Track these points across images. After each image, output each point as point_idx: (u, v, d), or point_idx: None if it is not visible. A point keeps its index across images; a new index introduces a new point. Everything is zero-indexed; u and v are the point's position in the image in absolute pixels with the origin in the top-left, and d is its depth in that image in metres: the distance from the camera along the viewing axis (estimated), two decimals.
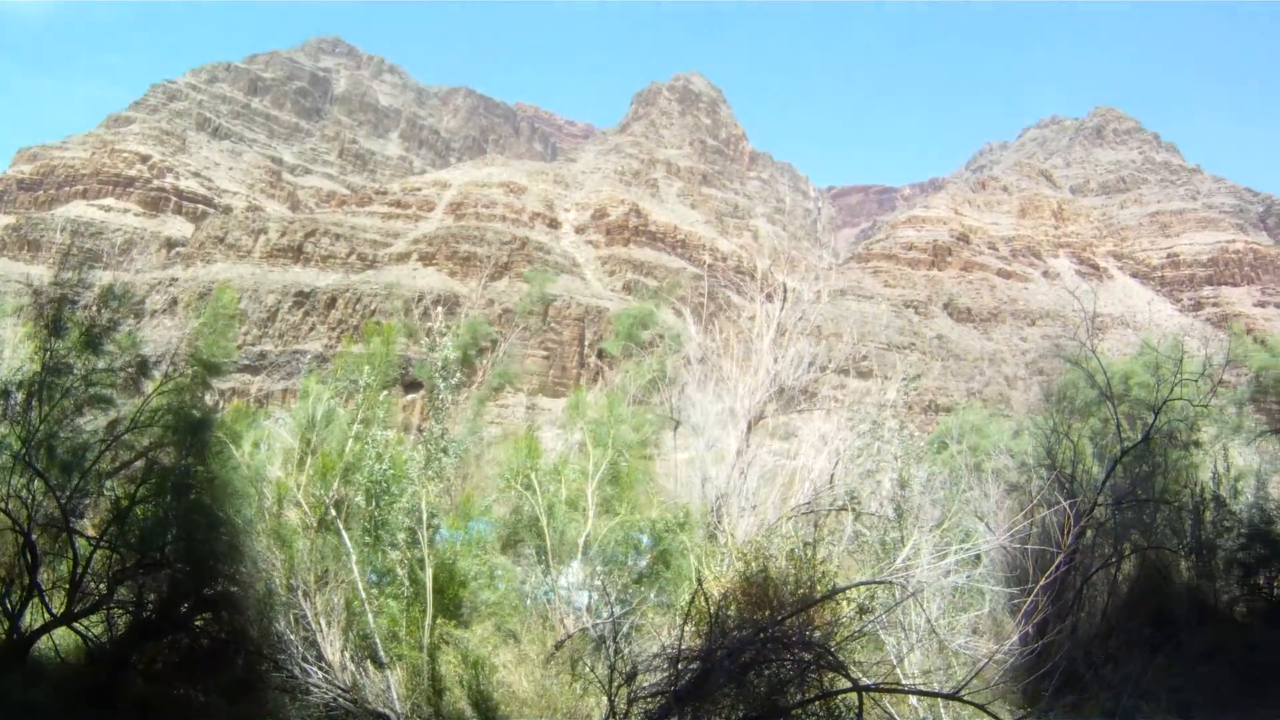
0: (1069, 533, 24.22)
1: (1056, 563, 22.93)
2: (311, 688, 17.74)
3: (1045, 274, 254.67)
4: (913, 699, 17.50)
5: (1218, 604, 29.75)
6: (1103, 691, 18.92)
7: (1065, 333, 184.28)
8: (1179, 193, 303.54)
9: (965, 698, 14.03)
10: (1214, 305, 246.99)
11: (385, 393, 25.30)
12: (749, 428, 26.31)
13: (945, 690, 15.17)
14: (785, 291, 28.14)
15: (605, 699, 14.06)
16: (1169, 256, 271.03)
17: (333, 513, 21.70)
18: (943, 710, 17.73)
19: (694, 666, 13.17)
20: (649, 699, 13.37)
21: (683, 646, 13.59)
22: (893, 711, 17.32)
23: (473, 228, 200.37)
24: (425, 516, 20.24)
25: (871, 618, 16.40)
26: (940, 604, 20.87)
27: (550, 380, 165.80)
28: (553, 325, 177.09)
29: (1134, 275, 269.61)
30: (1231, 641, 24.89)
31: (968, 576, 23.36)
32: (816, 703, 13.06)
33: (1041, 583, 22.53)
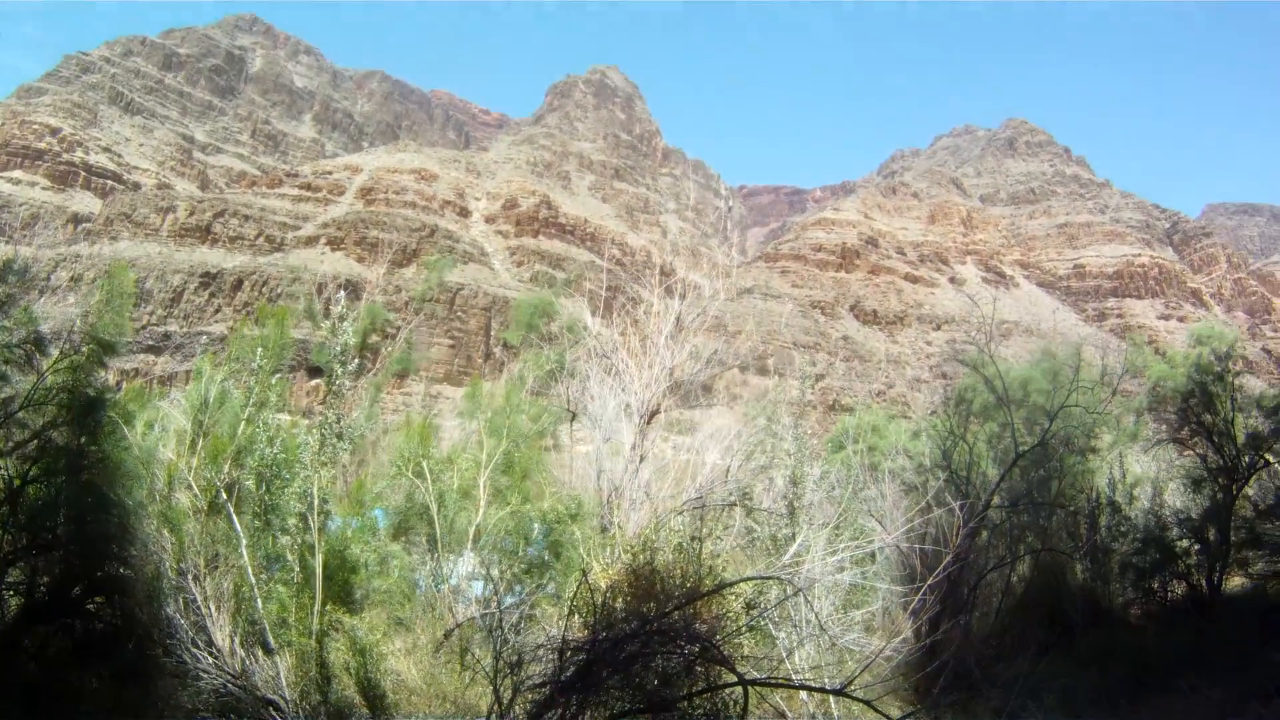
0: (957, 533, 24.56)
1: (945, 562, 23.19)
2: (201, 674, 17.39)
3: (952, 280, 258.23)
4: (803, 694, 17.54)
5: (1112, 606, 30.20)
6: (993, 690, 19.10)
7: (970, 338, 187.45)
8: (1087, 206, 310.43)
9: (852, 693, 14.00)
10: (1118, 316, 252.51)
11: (277, 376, 24.83)
12: (646, 421, 26.34)
13: (834, 685, 15.13)
14: (685, 287, 28.17)
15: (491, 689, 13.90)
16: (1075, 267, 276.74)
17: (223, 496, 21.26)
18: (833, 705, 17.80)
19: (578, 658, 13.02)
20: (534, 689, 13.19)
21: (568, 637, 13.41)
22: (784, 707, 17.40)
23: (382, 213, 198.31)
24: (316, 502, 19.93)
25: (757, 612, 16.43)
26: (833, 601, 21.02)
27: (456, 369, 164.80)
28: (459, 314, 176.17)
29: (1040, 284, 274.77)
30: (1125, 643, 25.24)
31: (863, 574, 23.60)
32: (703, 696, 12.93)
33: (929, 581, 22.78)
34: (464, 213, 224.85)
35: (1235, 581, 29.45)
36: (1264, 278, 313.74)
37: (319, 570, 19.49)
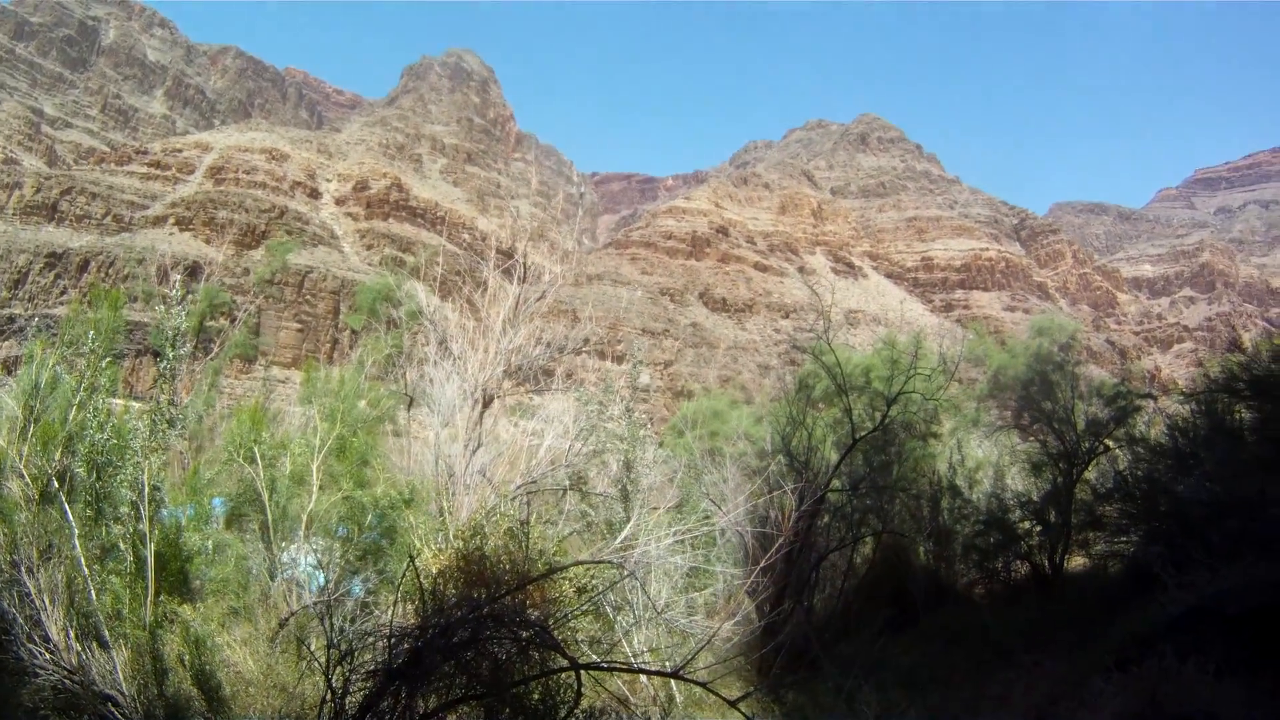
0: (789, 515, 24.73)
1: (777, 545, 23.38)
2: (39, 670, 16.63)
3: (801, 270, 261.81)
4: (644, 678, 17.42)
5: (955, 586, 30.93)
6: (834, 668, 19.13)
7: (811, 326, 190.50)
8: (937, 201, 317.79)
9: (687, 675, 13.82)
10: (964, 308, 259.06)
11: (109, 359, 23.93)
12: (483, 405, 25.94)
13: (675, 668, 14.93)
14: (525, 270, 27.85)
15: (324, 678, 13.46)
16: (923, 260, 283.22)
17: (55, 485, 20.37)
18: (675, 689, 17.69)
19: (407, 645, 12.61)
20: (366, 678, 12.74)
21: (398, 624, 13.03)
22: (626, 692, 17.20)
23: (232, 193, 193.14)
24: (147, 489, 19.25)
25: (589, 596, 16.27)
26: (673, 584, 20.96)
27: (304, 353, 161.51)
28: (308, 298, 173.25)
29: (889, 275, 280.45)
30: (968, 622, 25.78)
31: (706, 558, 23.57)
32: (537, 682, 12.62)
33: (762, 564, 22.90)
34: (314, 194, 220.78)
35: (1077, 562, 30.18)
36: (1108, 273, 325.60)
37: (151, 560, 18.97)
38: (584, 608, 16.10)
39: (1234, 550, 17.37)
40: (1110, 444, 30.18)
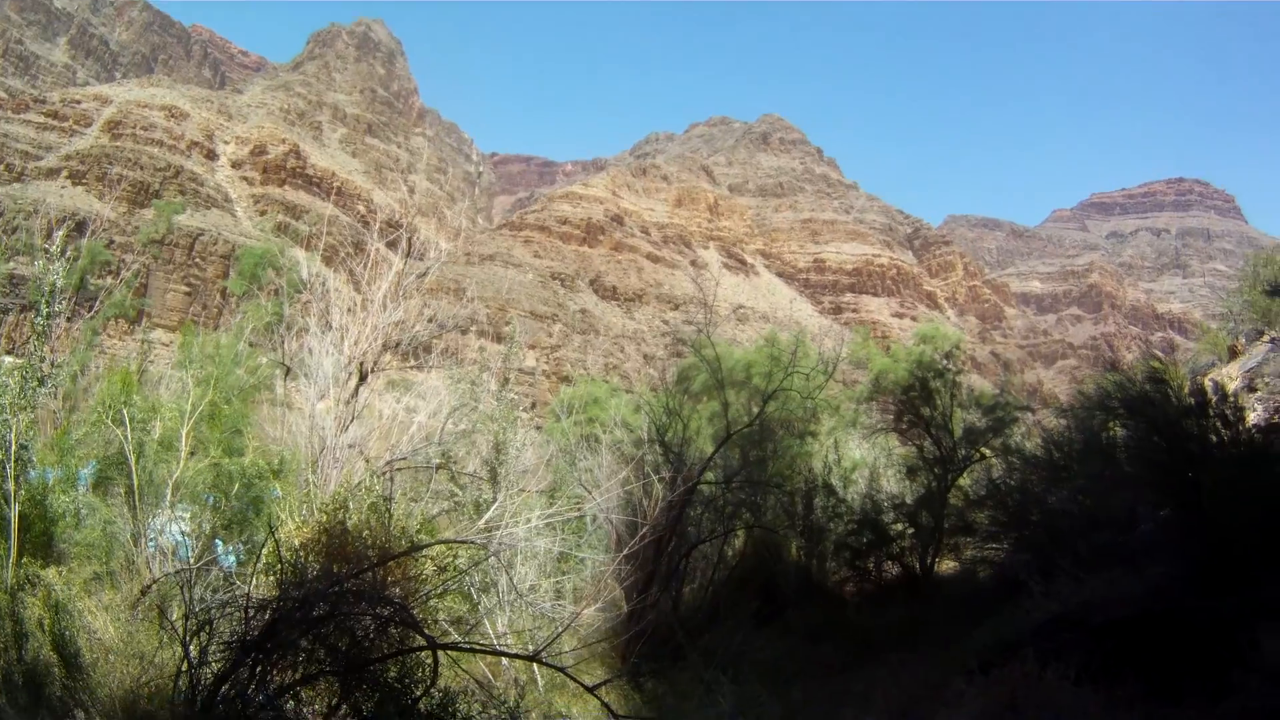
0: (655, 505, 24.80)
1: (641, 533, 23.46)
2: None
3: (694, 263, 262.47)
4: (505, 661, 17.36)
5: (826, 583, 31.26)
6: (698, 658, 19.16)
7: (691, 319, 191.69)
8: (833, 205, 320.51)
9: (545, 659, 13.79)
10: (853, 311, 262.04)
11: None
12: (359, 379, 25.62)
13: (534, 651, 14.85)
14: (410, 245, 27.55)
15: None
16: (816, 261, 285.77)
17: None
18: (537, 672, 17.62)
19: (263, 617, 12.36)
20: (225, 649, 12.48)
21: (256, 595, 12.78)
22: (488, 673, 17.21)
23: (128, 149, 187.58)
24: (14, 448, 18.67)
25: (448, 576, 16.25)
26: (541, 567, 20.91)
27: (191, 317, 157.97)
28: (197, 261, 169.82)
29: (780, 275, 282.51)
30: (837, 619, 26.13)
31: (576, 543, 23.52)
32: (396, 660, 12.49)
33: (625, 551, 22.93)
34: (211, 155, 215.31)
35: (947, 565, 30.69)
36: (998, 287, 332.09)
37: (15, 521, 18.46)
38: (446, 588, 16.17)
39: (1100, 563, 17.67)
40: (986, 452, 30.72)
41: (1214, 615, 13.74)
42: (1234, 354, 46.20)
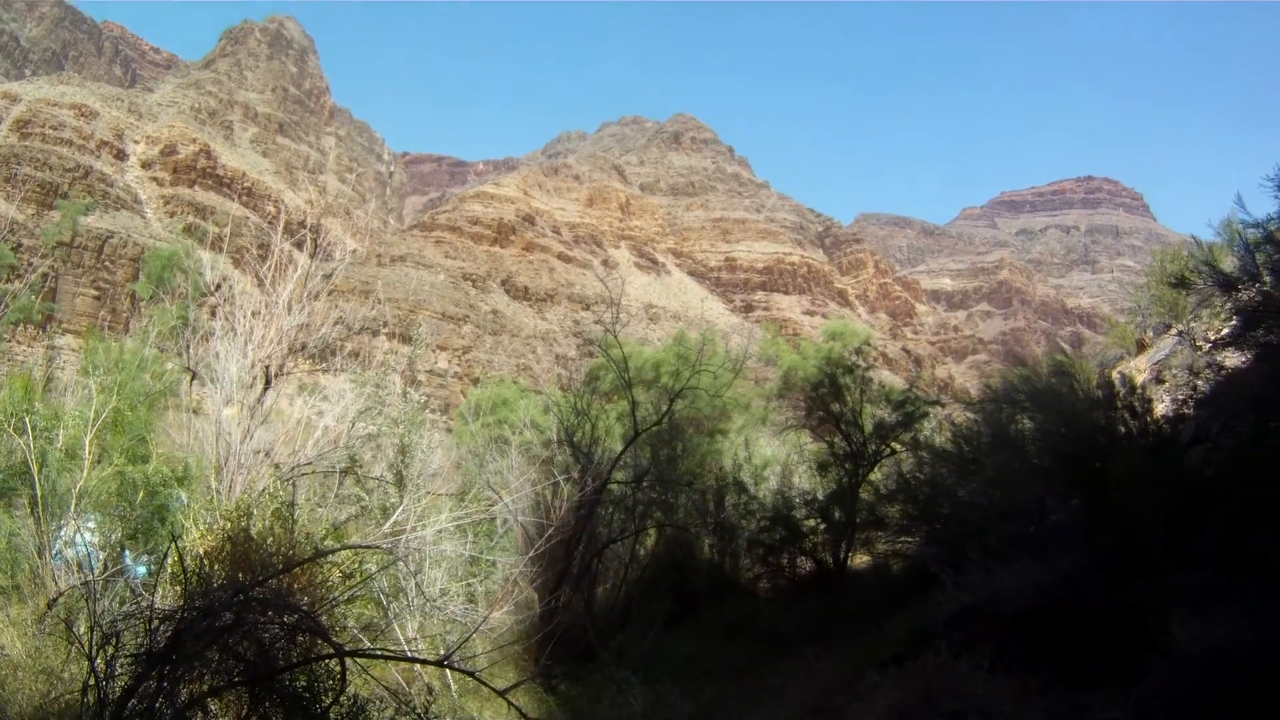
0: (563, 506, 24.83)
1: (548, 534, 23.47)
2: None
3: (605, 263, 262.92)
4: (418, 667, 17.22)
5: (739, 580, 31.44)
6: (610, 658, 19.08)
7: (599, 318, 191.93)
8: (744, 204, 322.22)
9: (453, 664, 13.71)
10: (765, 309, 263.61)
11: None
12: (265, 383, 25.27)
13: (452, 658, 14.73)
14: (315, 245, 27.25)
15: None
16: (727, 260, 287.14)
17: None
18: (450, 678, 17.48)
19: (168, 628, 12.07)
20: (130, 661, 12.17)
21: (162, 606, 12.49)
22: (400, 679, 17.04)
23: (37, 149, 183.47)
24: None
25: (354, 582, 16.12)
26: (451, 571, 20.76)
27: (100, 322, 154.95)
28: (106, 264, 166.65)
29: (691, 273, 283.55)
30: (751, 616, 26.30)
31: (489, 545, 23.38)
32: (304, 669, 12.25)
33: (532, 552, 22.91)
34: (121, 155, 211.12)
35: (861, 559, 30.94)
36: (908, 284, 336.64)
37: None
38: (353, 593, 16.03)
39: (1010, 554, 17.77)
40: (897, 447, 30.95)
41: (1124, 603, 13.87)
42: (1142, 347, 47.09)
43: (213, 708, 12.34)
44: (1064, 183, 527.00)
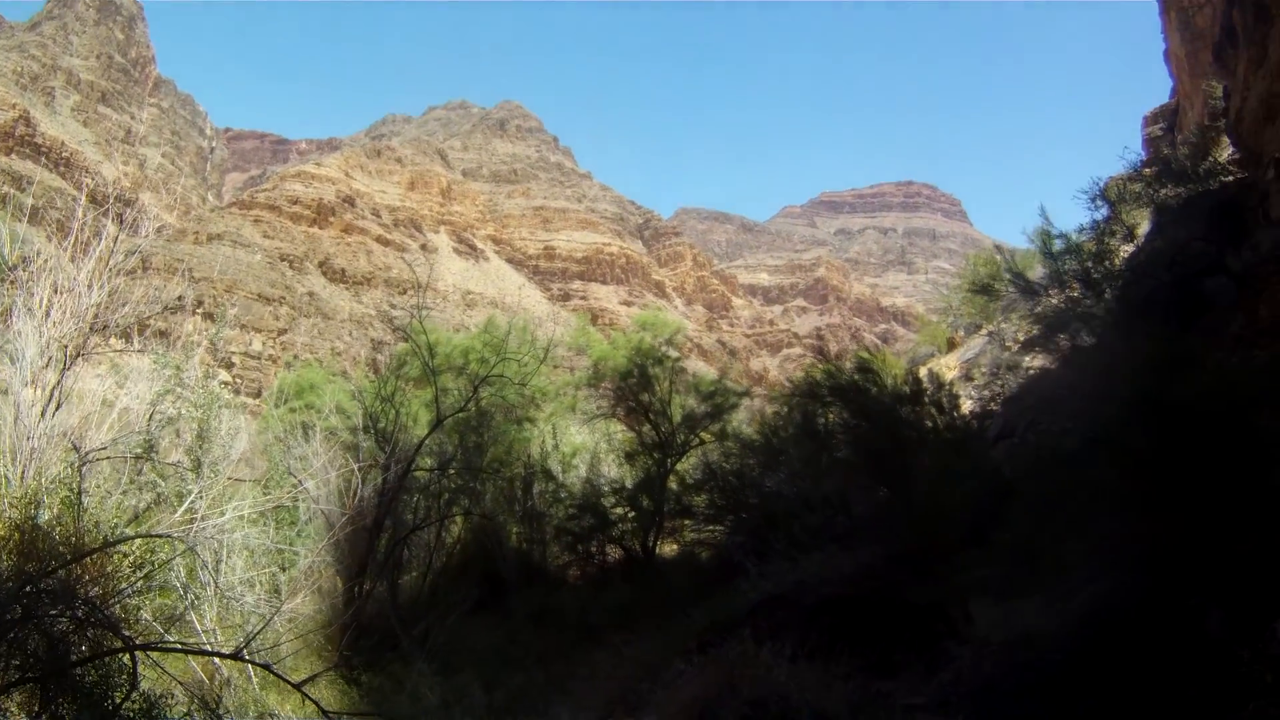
0: (364, 493, 24.55)
1: (344, 520, 23.13)
2: None
3: (424, 247, 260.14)
4: (216, 660, 16.68)
5: (547, 569, 31.36)
6: (415, 647, 18.82)
7: (432, 303, 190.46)
8: (566, 193, 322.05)
9: (244, 656, 13.30)
10: (582, 299, 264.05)
11: None
12: (64, 363, 24.24)
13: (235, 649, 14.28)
14: (122, 219, 26.21)
15: None
16: (546, 248, 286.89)
17: None
18: (251, 671, 17.00)
19: None
20: None
21: None
22: (199, 671, 16.64)
23: None
24: None
25: (146, 572, 15.64)
26: (253, 559, 20.23)
27: None
28: None
29: (510, 261, 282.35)
30: (559, 604, 26.27)
31: (295, 533, 22.88)
32: (95, 664, 11.78)
33: (329, 539, 22.57)
34: None
35: (669, 548, 31.06)
36: (726, 278, 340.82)
37: None
38: (145, 584, 15.63)
39: (814, 544, 17.98)
40: (706, 437, 31.20)
41: (927, 592, 14.08)
42: (953, 346, 48.50)
43: (6, 706, 11.86)
44: (884, 185, 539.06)
